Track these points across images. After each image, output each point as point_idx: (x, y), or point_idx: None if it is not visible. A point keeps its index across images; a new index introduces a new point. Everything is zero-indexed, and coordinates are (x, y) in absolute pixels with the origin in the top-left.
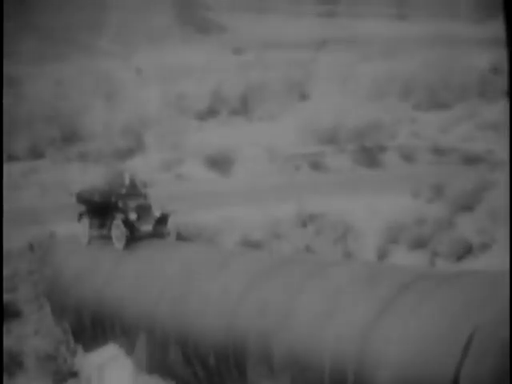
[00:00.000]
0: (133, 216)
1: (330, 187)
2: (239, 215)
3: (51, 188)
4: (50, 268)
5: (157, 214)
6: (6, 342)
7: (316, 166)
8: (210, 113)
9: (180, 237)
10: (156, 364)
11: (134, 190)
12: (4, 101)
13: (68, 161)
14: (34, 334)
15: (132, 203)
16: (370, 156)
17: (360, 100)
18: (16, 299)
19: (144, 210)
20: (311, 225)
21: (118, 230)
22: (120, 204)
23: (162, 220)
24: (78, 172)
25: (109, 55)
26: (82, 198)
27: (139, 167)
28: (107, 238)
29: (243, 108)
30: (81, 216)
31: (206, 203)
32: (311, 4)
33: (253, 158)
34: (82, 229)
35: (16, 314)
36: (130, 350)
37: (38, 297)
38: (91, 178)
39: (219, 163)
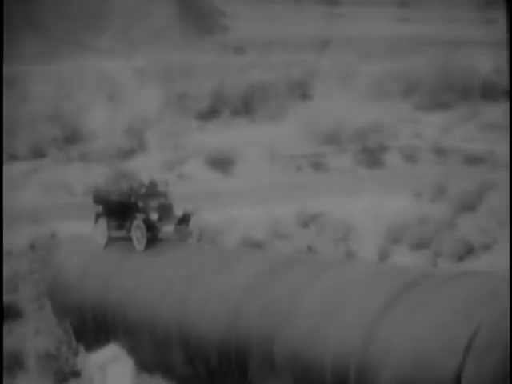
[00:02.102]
0: (154, 216)
1: (331, 187)
2: (241, 215)
3: (52, 188)
4: (51, 268)
5: (178, 213)
6: (7, 342)
7: (318, 166)
8: (212, 113)
9: (202, 237)
10: (158, 364)
11: (154, 190)
12: (5, 101)
13: (69, 160)
14: (36, 333)
15: (153, 203)
16: (371, 156)
17: (362, 100)
18: (17, 299)
19: (165, 210)
20: (313, 225)
21: (138, 231)
22: (140, 204)
23: (184, 220)
24: (79, 172)
25: (110, 55)
26: (99, 198)
27: (141, 167)
28: (126, 240)
29: (245, 108)
30: (98, 217)
31: (207, 203)
32: (314, 4)
33: (254, 158)
34: (100, 230)
35: (17, 314)
36: (131, 349)
37: (40, 296)
38: (93, 177)
39: (221, 163)
